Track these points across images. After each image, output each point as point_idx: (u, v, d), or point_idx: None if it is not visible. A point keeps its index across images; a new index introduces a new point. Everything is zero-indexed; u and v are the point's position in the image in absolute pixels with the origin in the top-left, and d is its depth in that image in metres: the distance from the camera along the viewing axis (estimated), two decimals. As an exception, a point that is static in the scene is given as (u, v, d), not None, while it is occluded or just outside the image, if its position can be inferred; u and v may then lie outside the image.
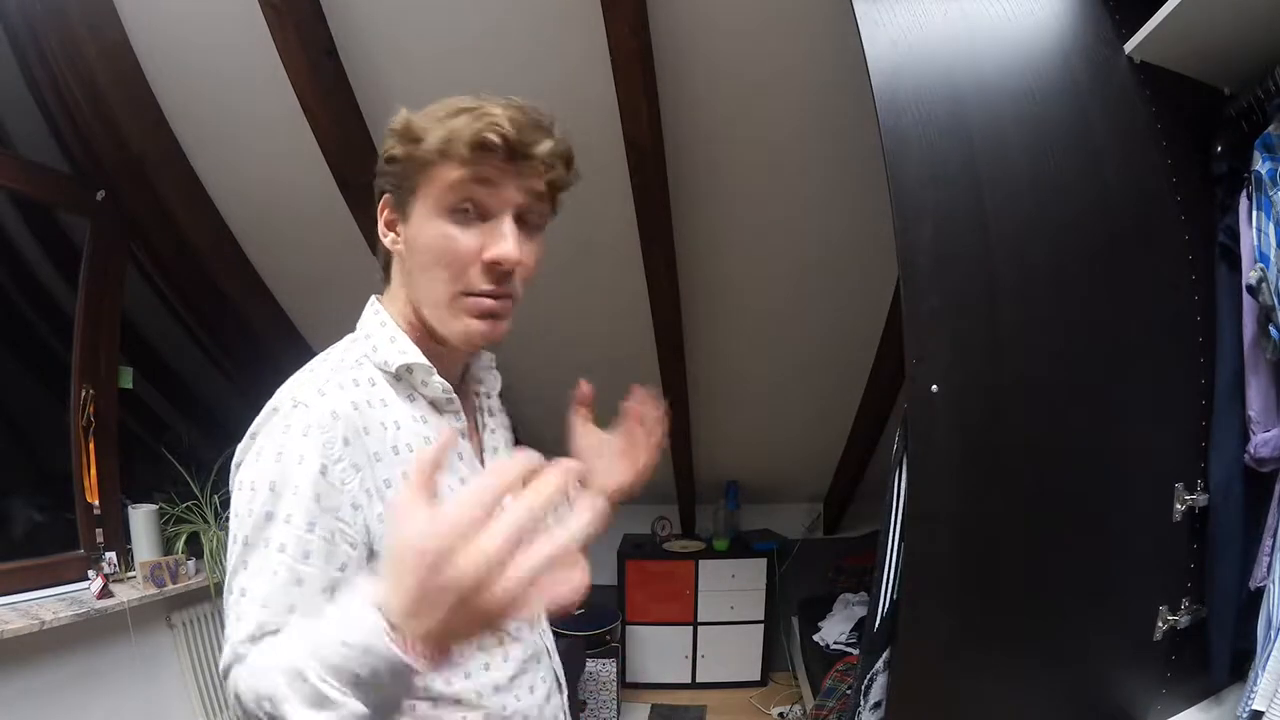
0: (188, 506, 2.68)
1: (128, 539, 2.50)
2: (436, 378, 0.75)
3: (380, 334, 0.76)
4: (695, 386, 2.90)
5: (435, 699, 0.71)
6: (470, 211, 0.70)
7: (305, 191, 2.27)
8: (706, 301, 2.58)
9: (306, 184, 2.23)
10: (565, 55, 1.90)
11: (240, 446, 0.69)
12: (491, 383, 0.88)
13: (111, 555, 2.40)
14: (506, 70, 1.96)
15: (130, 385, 2.56)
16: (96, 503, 2.40)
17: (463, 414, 0.79)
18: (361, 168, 2.17)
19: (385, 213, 0.75)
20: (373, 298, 0.81)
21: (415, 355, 0.74)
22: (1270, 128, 1.08)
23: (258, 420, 0.69)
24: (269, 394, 0.72)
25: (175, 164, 2.29)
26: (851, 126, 1.91)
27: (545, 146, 0.71)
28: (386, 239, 0.76)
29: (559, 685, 0.86)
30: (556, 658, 0.88)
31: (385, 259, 0.79)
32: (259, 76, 1.95)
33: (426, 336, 0.76)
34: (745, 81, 1.95)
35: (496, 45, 1.91)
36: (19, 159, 2.23)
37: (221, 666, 0.64)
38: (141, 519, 2.51)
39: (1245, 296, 1.11)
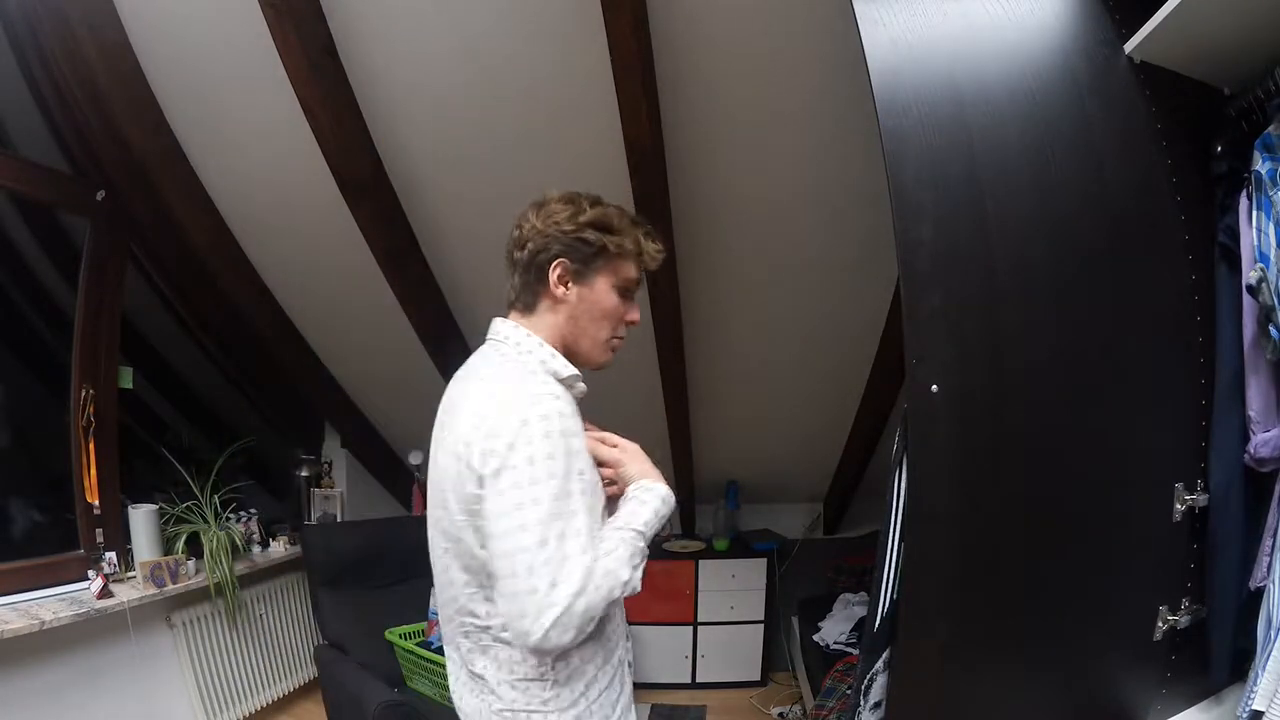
0: (188, 506, 2.68)
1: (128, 539, 2.50)
2: (581, 383, 1.08)
3: (541, 352, 1.04)
4: (695, 387, 2.90)
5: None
6: (628, 293, 1.08)
7: (305, 191, 2.26)
8: (706, 302, 2.58)
9: (306, 184, 2.22)
10: (565, 55, 1.90)
11: (496, 450, 0.92)
12: None
13: (111, 555, 2.40)
14: (506, 70, 1.96)
15: (130, 385, 2.56)
16: (96, 503, 2.40)
17: None
18: (361, 168, 2.17)
19: (559, 271, 1.03)
20: (510, 322, 1.08)
21: (573, 368, 1.06)
22: (1270, 128, 1.08)
23: (509, 429, 0.92)
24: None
25: (175, 164, 2.29)
26: (852, 124, 1.92)
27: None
28: (558, 290, 1.04)
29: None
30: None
31: (535, 295, 1.06)
32: (259, 76, 1.95)
33: (567, 354, 1.07)
34: (745, 81, 1.95)
35: (497, 45, 1.91)
36: (19, 159, 2.23)
37: (567, 599, 0.88)
38: (141, 519, 2.51)
39: (1245, 296, 1.10)
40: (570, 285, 1.04)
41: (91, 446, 2.38)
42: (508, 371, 1.02)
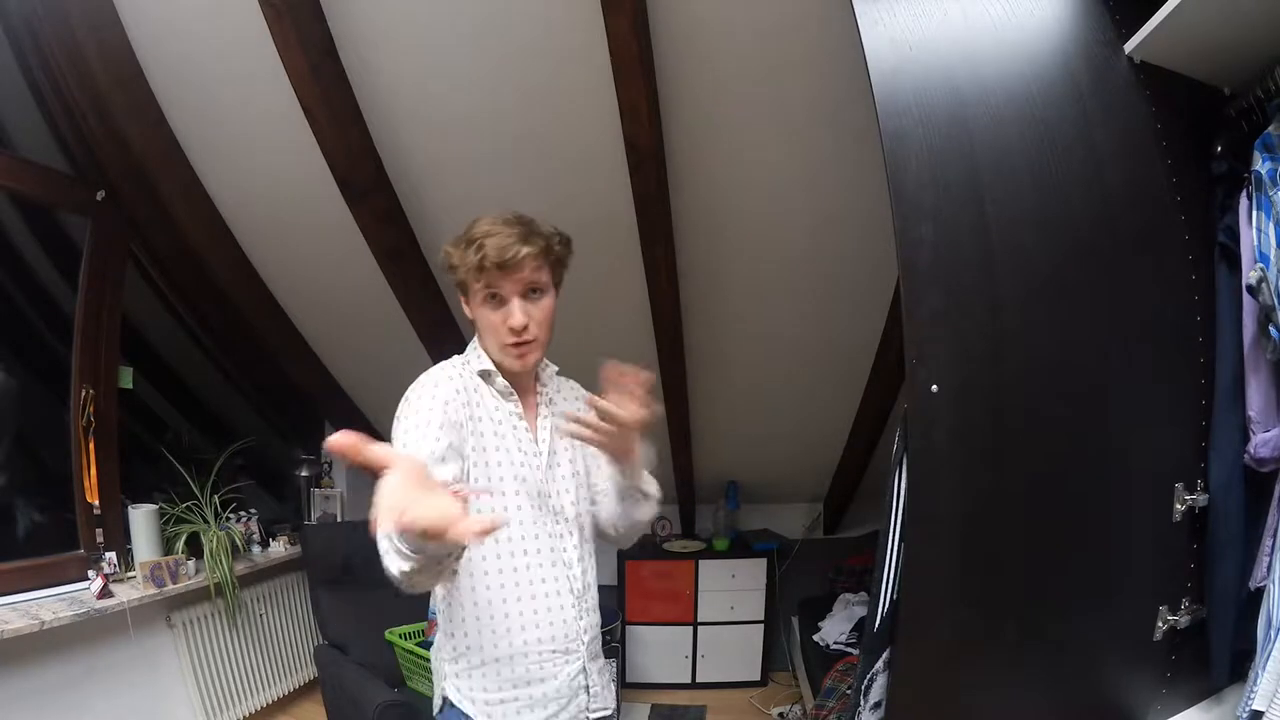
0: (188, 506, 2.68)
1: (128, 539, 2.50)
2: (500, 378, 1.21)
3: (473, 354, 1.24)
4: (695, 386, 2.90)
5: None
6: (496, 299, 1.16)
7: (305, 191, 2.27)
8: (707, 302, 2.58)
9: (306, 183, 2.22)
10: (565, 55, 1.90)
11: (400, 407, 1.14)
12: (554, 388, 1.30)
13: (111, 555, 2.40)
14: (506, 70, 1.96)
15: (130, 385, 2.56)
16: (96, 503, 2.40)
17: (520, 403, 1.22)
18: (361, 168, 2.17)
19: (463, 299, 1.22)
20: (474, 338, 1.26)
21: (489, 365, 1.21)
22: (1270, 128, 1.08)
23: (408, 390, 1.15)
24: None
25: (175, 164, 2.29)
26: (852, 125, 1.92)
27: (522, 255, 1.12)
28: (467, 311, 1.22)
29: (571, 590, 1.20)
30: (578, 569, 1.22)
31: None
32: (259, 76, 1.95)
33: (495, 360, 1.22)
34: (746, 80, 1.95)
35: (496, 45, 1.91)
36: (19, 159, 2.23)
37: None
38: (141, 519, 2.51)
39: (1245, 296, 1.10)
40: (469, 309, 1.22)
41: (91, 446, 2.39)
42: (438, 365, 1.22)
